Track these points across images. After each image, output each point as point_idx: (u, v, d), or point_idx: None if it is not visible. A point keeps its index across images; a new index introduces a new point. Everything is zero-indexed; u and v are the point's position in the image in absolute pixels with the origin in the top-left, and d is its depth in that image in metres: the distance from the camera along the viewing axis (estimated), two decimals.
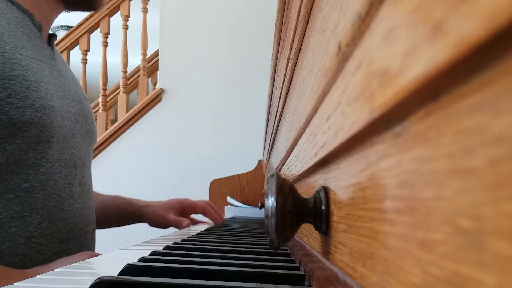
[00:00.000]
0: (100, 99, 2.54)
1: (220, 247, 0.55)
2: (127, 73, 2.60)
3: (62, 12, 0.78)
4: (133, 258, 0.43)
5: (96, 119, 2.17)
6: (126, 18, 2.49)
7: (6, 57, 0.60)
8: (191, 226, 1.00)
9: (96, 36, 2.60)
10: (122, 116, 2.41)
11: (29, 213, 0.62)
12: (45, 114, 0.63)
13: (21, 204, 0.61)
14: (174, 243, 0.59)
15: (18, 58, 0.62)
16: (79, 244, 0.70)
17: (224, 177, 1.74)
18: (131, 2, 2.53)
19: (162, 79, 2.44)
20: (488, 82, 0.09)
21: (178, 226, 0.98)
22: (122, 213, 1.00)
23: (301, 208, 0.28)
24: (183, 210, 1.03)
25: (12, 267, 0.59)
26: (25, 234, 0.61)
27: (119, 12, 2.51)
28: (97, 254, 0.55)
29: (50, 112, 0.64)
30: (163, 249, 0.53)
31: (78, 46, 2.50)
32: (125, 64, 2.49)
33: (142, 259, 0.42)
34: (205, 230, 0.88)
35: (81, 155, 0.74)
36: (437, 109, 0.12)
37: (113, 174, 2.25)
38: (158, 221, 0.99)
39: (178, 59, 2.42)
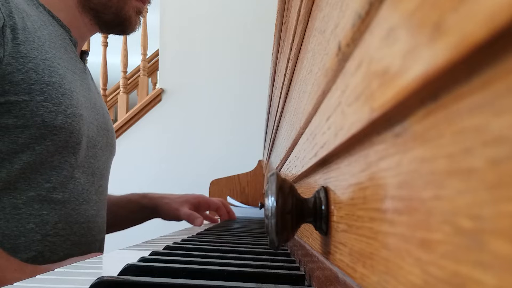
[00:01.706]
0: None
1: (220, 247, 0.55)
2: (127, 73, 2.60)
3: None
4: (133, 258, 0.43)
5: None
6: None
7: (46, 64, 0.64)
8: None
9: (96, 36, 2.59)
10: (122, 116, 2.41)
11: (47, 211, 0.64)
12: (75, 121, 0.67)
13: (41, 202, 0.64)
14: (174, 243, 0.60)
15: (56, 67, 0.66)
16: (89, 250, 0.72)
17: (224, 177, 1.75)
18: None
19: (162, 79, 2.44)
20: (488, 82, 0.09)
21: (190, 221, 0.98)
22: (137, 207, 1.00)
23: (301, 208, 0.28)
24: (198, 206, 1.04)
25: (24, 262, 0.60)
26: (41, 231, 0.63)
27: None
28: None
29: (79, 120, 0.68)
30: (163, 249, 0.53)
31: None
32: (125, 64, 2.49)
33: (142, 259, 0.42)
34: (205, 230, 0.88)
35: (99, 165, 0.77)
36: (437, 109, 0.12)
37: (112, 174, 2.24)
38: (171, 214, 0.99)
39: (178, 59, 2.42)
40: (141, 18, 0.84)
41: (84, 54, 0.82)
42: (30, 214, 0.62)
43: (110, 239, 1.00)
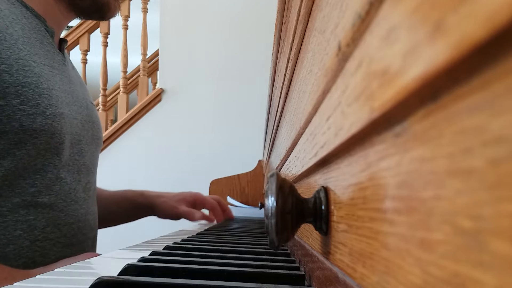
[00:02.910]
0: (100, 99, 2.55)
1: (220, 247, 0.55)
2: (127, 73, 2.60)
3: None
4: (133, 258, 0.43)
5: None
6: (126, 18, 2.49)
7: (20, 63, 0.61)
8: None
9: (96, 36, 2.60)
10: (122, 116, 2.41)
11: (34, 216, 0.62)
12: (55, 121, 0.64)
13: (26, 207, 0.62)
14: (174, 243, 0.59)
15: (31, 65, 0.62)
16: (81, 250, 0.71)
17: (224, 177, 1.74)
18: (131, 2, 2.53)
19: (162, 79, 2.44)
20: (488, 82, 0.09)
21: (189, 218, 0.97)
22: (132, 204, 0.99)
23: (301, 208, 0.28)
24: (194, 204, 1.03)
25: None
26: (30, 237, 0.62)
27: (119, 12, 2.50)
28: (98, 255, 0.55)
29: (60, 120, 0.65)
30: (163, 249, 0.53)
31: (78, 46, 2.51)
32: (125, 64, 2.49)
33: (142, 259, 0.42)
34: (205, 230, 0.88)
35: (85, 161, 0.75)
36: (437, 109, 0.12)
37: (112, 174, 2.25)
38: (169, 212, 0.98)
39: (178, 59, 2.42)
40: (120, 2, 0.82)
41: (63, 43, 0.77)
42: (17, 221, 0.60)
43: (108, 238, 1.01)
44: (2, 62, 0.58)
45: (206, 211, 1.11)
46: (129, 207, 0.99)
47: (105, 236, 1.09)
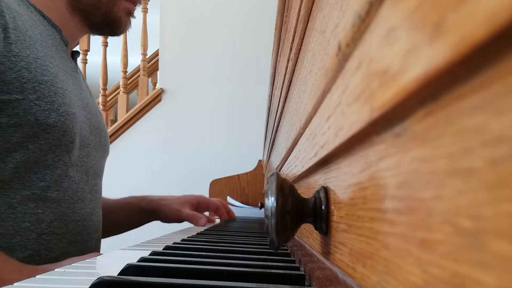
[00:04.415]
0: (100, 99, 2.55)
1: (220, 247, 0.55)
2: (127, 73, 2.60)
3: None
4: (133, 258, 0.43)
5: None
6: None
7: (38, 62, 0.64)
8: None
9: (96, 36, 2.59)
10: (122, 116, 2.41)
11: (42, 210, 0.64)
12: (68, 119, 0.67)
13: (35, 201, 0.64)
14: (174, 243, 0.60)
15: (48, 65, 0.66)
16: (85, 248, 0.72)
17: (224, 177, 1.74)
18: None
19: (162, 79, 2.44)
20: (488, 82, 0.09)
21: (193, 221, 0.98)
22: (136, 210, 0.99)
23: (301, 208, 0.28)
24: (198, 206, 1.04)
25: (20, 262, 0.60)
26: (37, 230, 0.63)
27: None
28: (99, 255, 0.55)
29: (72, 119, 0.68)
30: (163, 249, 0.53)
31: (78, 46, 2.50)
32: (125, 64, 2.49)
33: (142, 259, 0.42)
34: (205, 230, 0.88)
35: (93, 164, 0.77)
36: (437, 109, 0.12)
37: (112, 174, 2.24)
38: (173, 215, 0.99)
39: (178, 59, 2.42)
40: (131, 19, 0.84)
41: (75, 54, 0.82)
42: (25, 213, 0.62)
43: (108, 238, 1.00)
44: (21, 59, 0.62)
45: (206, 213, 1.11)
46: (133, 212, 1.00)
47: (101, 235, 1.09)
